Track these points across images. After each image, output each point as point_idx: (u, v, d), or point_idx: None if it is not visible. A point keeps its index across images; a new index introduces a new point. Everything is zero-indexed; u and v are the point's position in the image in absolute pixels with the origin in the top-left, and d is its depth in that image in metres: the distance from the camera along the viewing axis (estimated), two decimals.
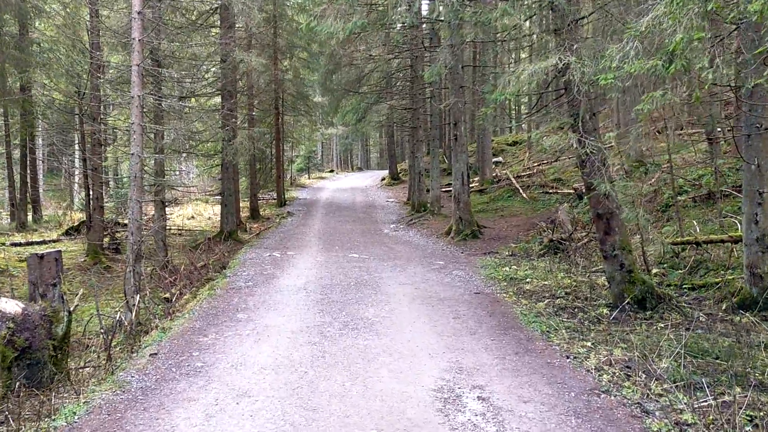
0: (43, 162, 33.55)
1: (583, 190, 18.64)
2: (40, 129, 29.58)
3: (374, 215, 23.64)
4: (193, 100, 18.00)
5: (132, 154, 11.33)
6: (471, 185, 20.45)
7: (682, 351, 6.33)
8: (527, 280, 10.72)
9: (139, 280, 11.37)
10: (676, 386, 5.59)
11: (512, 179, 23.72)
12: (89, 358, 9.05)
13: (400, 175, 37.81)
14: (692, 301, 8.99)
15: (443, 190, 23.58)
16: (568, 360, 6.32)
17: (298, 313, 8.56)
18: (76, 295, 7.74)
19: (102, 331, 8.15)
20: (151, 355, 6.55)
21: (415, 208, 23.49)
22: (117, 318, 9.26)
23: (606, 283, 9.56)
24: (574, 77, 6.58)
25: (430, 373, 5.94)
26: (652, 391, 5.49)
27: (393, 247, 15.66)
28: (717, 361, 6.47)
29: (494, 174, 26.85)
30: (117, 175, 30.24)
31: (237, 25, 19.38)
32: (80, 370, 7.69)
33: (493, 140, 33.00)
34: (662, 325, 7.73)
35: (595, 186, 8.10)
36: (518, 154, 32.88)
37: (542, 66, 6.61)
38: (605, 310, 8.38)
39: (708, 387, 5.41)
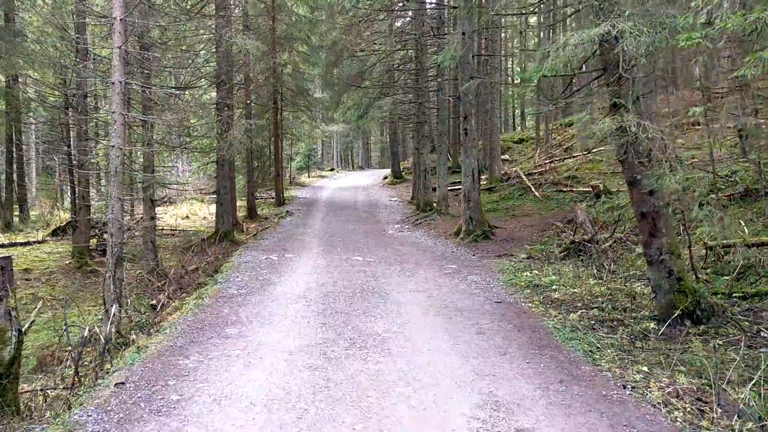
0: (33, 160, 32.40)
1: (602, 188, 17.53)
2: (33, 125, 28.47)
3: (378, 215, 22.49)
4: (187, 92, 16.95)
5: (112, 146, 10.17)
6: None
7: (761, 378, 5.22)
8: (553, 287, 9.57)
9: (120, 286, 10.21)
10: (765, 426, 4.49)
11: (523, 177, 22.56)
12: (61, 377, 7.95)
13: (403, 173, 36.70)
14: (746, 312, 7.86)
15: (449, 188, 22.43)
16: (626, 391, 5.17)
17: (297, 328, 7.41)
18: (36, 307, 6.60)
19: (69, 348, 7.03)
20: (116, 384, 5.38)
21: (420, 207, 22.36)
22: (90, 331, 8.12)
23: (647, 292, 8.43)
24: (628, 48, 5.45)
25: (461, 409, 4.78)
26: None
27: (399, 249, 14.52)
28: None
29: (503, 172, 25.70)
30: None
31: (234, 12, 18.26)
32: (42, 393, 6.58)
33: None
34: (719, 342, 6.61)
35: (642, 180, 6.98)
36: (526, 151, 31.74)
37: (590, 34, 5.47)
38: (652, 324, 7.24)
39: None
